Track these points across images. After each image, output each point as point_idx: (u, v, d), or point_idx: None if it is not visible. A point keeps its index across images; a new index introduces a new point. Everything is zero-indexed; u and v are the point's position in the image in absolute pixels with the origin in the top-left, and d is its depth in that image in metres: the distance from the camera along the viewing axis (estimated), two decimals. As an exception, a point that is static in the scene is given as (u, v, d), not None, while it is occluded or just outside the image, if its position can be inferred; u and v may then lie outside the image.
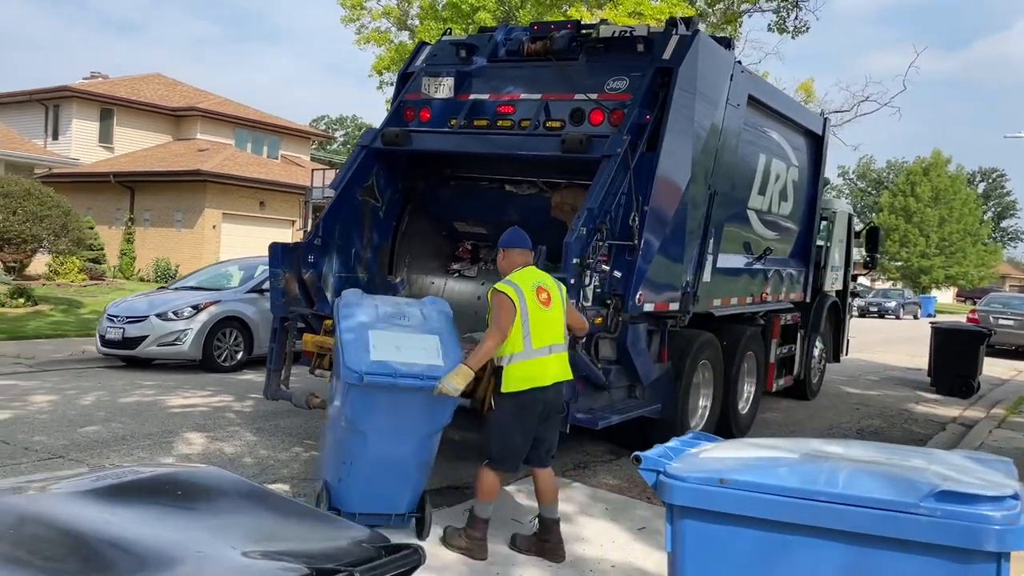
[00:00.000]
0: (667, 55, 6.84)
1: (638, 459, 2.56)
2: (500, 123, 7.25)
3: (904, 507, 2.21)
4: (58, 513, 1.68)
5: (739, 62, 7.94)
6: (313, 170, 27.24)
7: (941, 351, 13.82)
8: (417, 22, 27.54)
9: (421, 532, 5.16)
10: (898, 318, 42.00)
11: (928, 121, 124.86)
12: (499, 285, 4.89)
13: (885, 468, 2.41)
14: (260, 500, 1.99)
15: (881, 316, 41.89)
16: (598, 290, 6.24)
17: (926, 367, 14.25)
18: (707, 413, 8.07)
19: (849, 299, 13.46)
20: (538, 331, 4.85)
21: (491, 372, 5.81)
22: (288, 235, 28.37)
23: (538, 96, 7.16)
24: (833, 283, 12.14)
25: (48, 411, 8.01)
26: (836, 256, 12.13)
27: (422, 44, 8.38)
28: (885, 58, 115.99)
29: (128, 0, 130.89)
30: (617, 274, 6.31)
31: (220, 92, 35.81)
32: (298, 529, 1.86)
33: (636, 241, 6.42)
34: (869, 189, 78.38)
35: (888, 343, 23.56)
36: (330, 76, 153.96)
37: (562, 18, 22.57)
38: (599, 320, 6.26)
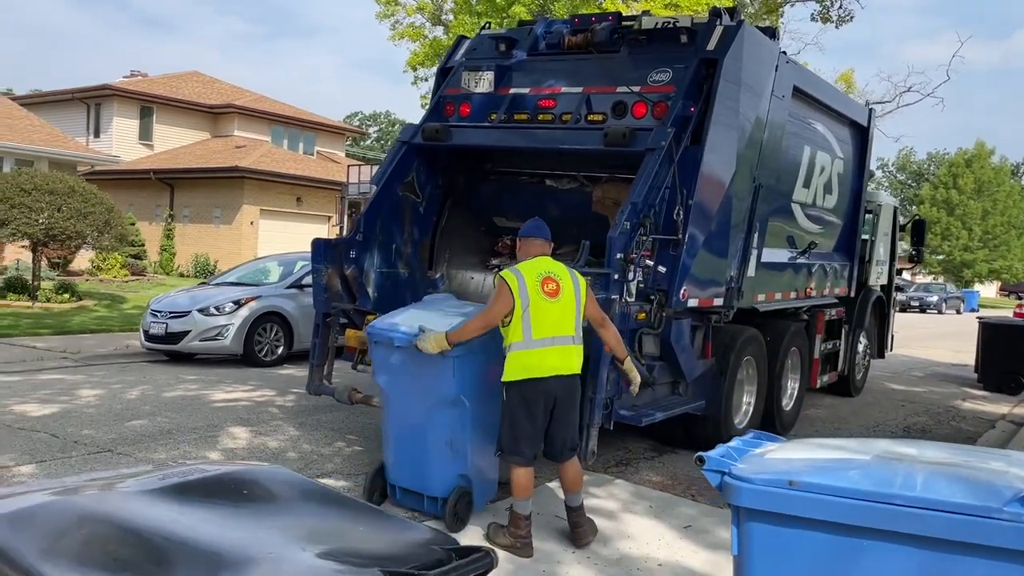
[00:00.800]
0: (711, 46, 6.72)
1: (701, 459, 2.49)
2: (541, 117, 7.18)
3: (986, 512, 2.12)
4: (129, 513, 1.67)
5: (784, 52, 7.79)
6: (349, 166, 27.48)
7: (989, 347, 13.50)
8: (451, 17, 27.55)
9: (454, 524, 5.16)
10: (940, 313, 41.20)
11: (970, 112, 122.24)
12: (503, 272, 4.89)
13: (963, 471, 2.32)
14: (325, 500, 1.97)
15: (922, 311, 41.13)
16: (641, 285, 6.15)
17: (972, 363, 13.95)
18: (751, 410, 7.95)
19: (894, 294, 13.20)
20: (539, 321, 4.78)
21: None
22: (324, 231, 28.60)
23: (579, 89, 7.08)
24: (878, 278, 11.91)
25: (95, 405, 8.13)
26: (881, 250, 11.89)
27: (461, 38, 8.33)
28: (925, 48, 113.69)
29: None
30: (662, 269, 6.22)
31: (255, 89, 36.22)
32: (366, 530, 1.83)
33: (680, 235, 6.33)
34: (909, 181, 77.00)
35: (931, 339, 23.12)
36: (362, 72, 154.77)
37: (597, 10, 22.43)
38: (642, 316, 6.18)
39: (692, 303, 6.59)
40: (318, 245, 7.00)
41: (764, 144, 7.41)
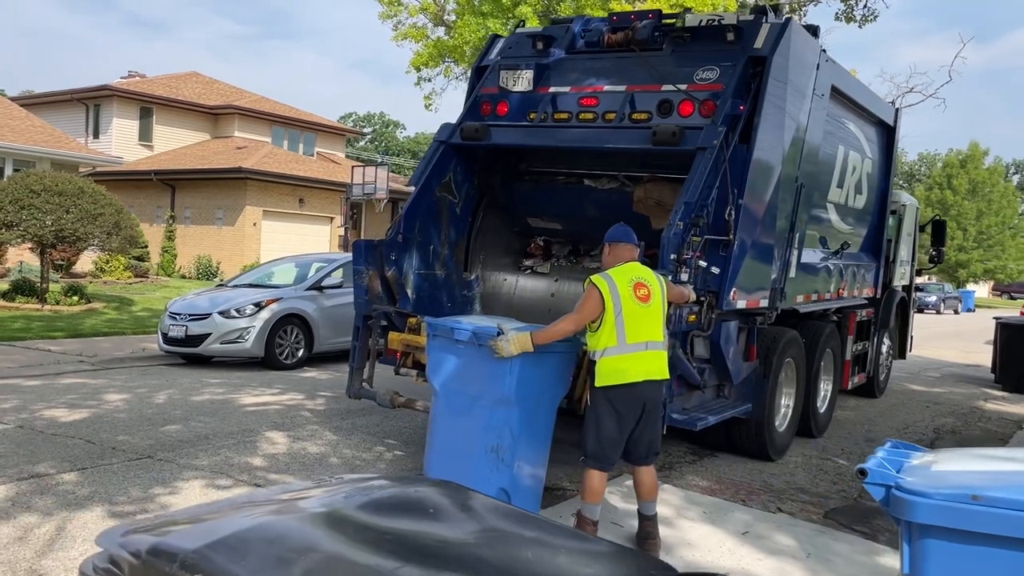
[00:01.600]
0: (759, 44, 6.63)
1: (863, 472, 2.38)
2: (582, 116, 7.07)
3: None
4: (335, 534, 1.55)
5: (824, 51, 7.71)
6: (353, 167, 27.32)
7: (1008, 347, 13.47)
8: (453, 18, 27.43)
9: None
10: (939, 313, 41.33)
11: (963, 114, 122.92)
12: (594, 277, 4.82)
13: None
14: (522, 521, 1.85)
15: (920, 311, 41.18)
16: (693, 286, 6.06)
17: (983, 363, 13.91)
18: (789, 412, 7.87)
19: (914, 294, 13.16)
20: (633, 327, 4.73)
21: (586, 370, 5.69)
22: (327, 232, 28.46)
23: (623, 88, 6.98)
24: (901, 278, 11.86)
25: (125, 410, 7.98)
26: (904, 251, 11.84)
27: (495, 37, 8.22)
28: (916, 51, 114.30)
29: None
30: (715, 270, 6.12)
31: (253, 90, 36.00)
32: (586, 556, 1.71)
33: (731, 236, 6.24)
34: (900, 182, 77.30)
35: (937, 339, 23.14)
36: (355, 73, 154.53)
37: (601, 10, 22.34)
38: (692, 318, 6.09)
39: (740, 304, 6.50)
40: (359, 246, 6.88)
41: (806, 144, 7.33)
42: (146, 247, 23.65)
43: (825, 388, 8.93)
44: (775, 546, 5.27)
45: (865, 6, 10.83)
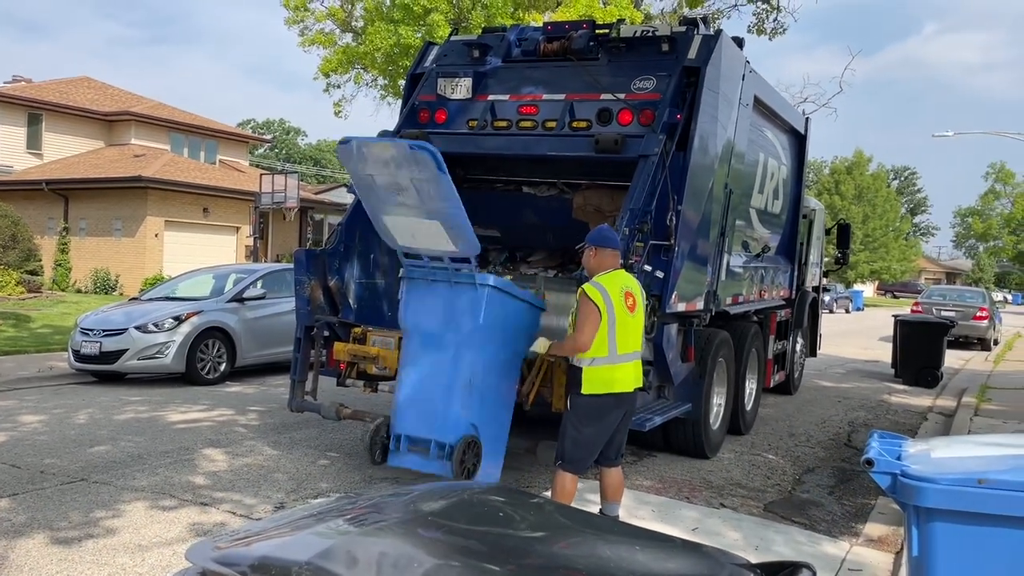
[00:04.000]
0: (692, 55, 6.86)
1: (870, 462, 2.50)
2: (522, 124, 7.15)
3: None
4: (430, 539, 1.53)
5: (748, 61, 8.03)
6: (261, 175, 26.65)
7: (907, 343, 14.26)
8: (361, 23, 27.12)
9: (460, 474, 5.18)
10: (831, 312, 43.25)
11: (848, 123, 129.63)
12: (588, 288, 4.83)
13: None
14: (592, 522, 1.86)
15: (815, 311, 43.05)
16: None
17: (881, 359, 14.66)
18: (721, 411, 8.13)
19: (821, 295, 13.79)
20: (623, 337, 4.85)
21: (545, 372, 5.77)
22: (234, 242, 27.62)
23: (562, 96, 7.09)
24: (812, 280, 12.43)
25: (45, 432, 7.55)
26: (814, 253, 12.42)
27: (429, 44, 8.22)
28: (807, 64, 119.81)
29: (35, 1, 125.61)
30: (659, 274, 6.29)
31: (148, 95, 34.61)
32: (657, 552, 1.74)
33: (673, 241, 6.42)
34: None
35: (836, 336, 24.24)
36: (252, 79, 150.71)
37: (511, 19, 22.54)
38: (637, 322, 6.24)
39: (680, 307, 6.70)
40: (301, 256, 6.75)
41: (734, 151, 7.62)
42: (39, 261, 22.38)
43: (751, 386, 9.26)
44: (725, 541, 5.43)
45: (775, 19, 11.36)
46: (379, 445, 5.56)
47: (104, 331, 10.39)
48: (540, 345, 5.17)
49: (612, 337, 4.79)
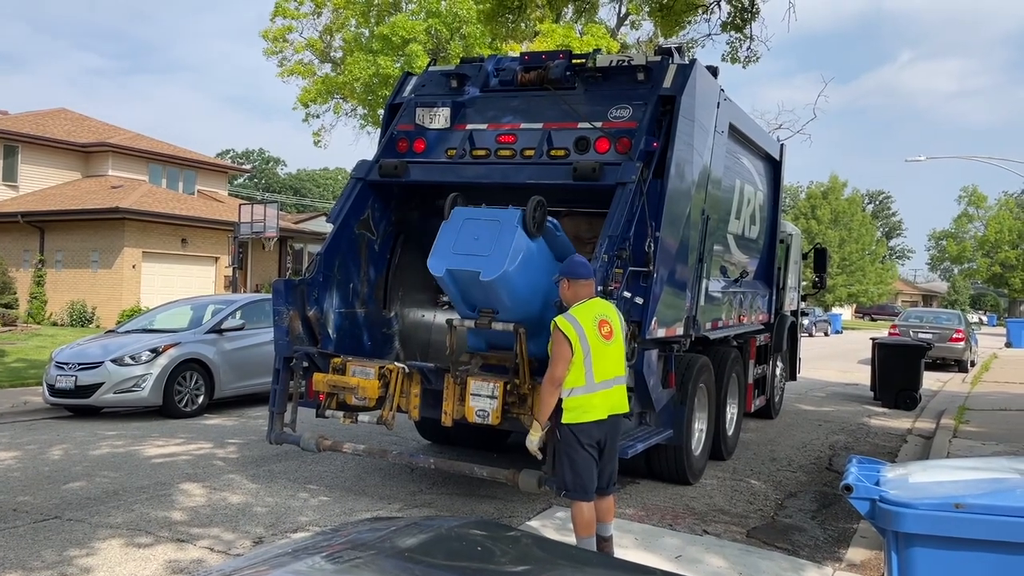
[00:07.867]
0: (668, 83, 6.94)
1: (849, 488, 2.51)
2: (500, 152, 7.18)
3: None
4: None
5: (722, 89, 8.14)
6: (240, 205, 26.57)
7: (885, 365, 14.36)
8: (340, 54, 27.28)
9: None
10: (811, 335, 43.53)
11: (823, 149, 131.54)
12: (559, 321, 4.88)
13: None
14: (567, 556, 1.84)
15: (795, 334, 43.24)
16: (617, 318, 6.22)
17: (860, 381, 14.74)
18: (703, 436, 8.13)
19: (800, 319, 13.89)
20: (600, 365, 4.87)
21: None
22: (212, 273, 27.46)
23: (539, 125, 7.14)
24: (790, 304, 12.51)
25: (18, 468, 7.41)
26: (791, 278, 12.52)
27: (407, 74, 8.26)
28: (783, 91, 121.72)
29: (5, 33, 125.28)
30: (639, 301, 6.32)
31: (125, 126, 34.48)
32: None
33: (651, 267, 6.45)
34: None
35: (816, 360, 24.35)
36: (230, 109, 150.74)
37: (488, 49, 22.75)
38: (617, 348, 6.25)
39: (660, 333, 6.72)
40: (280, 287, 6.71)
41: (711, 178, 7.70)
42: (14, 294, 22.11)
43: (732, 411, 9.29)
44: (708, 568, 5.42)
45: (748, 48, 11.58)
46: None
47: (80, 364, 10.25)
48: (534, 432, 5.10)
49: (588, 366, 4.83)
